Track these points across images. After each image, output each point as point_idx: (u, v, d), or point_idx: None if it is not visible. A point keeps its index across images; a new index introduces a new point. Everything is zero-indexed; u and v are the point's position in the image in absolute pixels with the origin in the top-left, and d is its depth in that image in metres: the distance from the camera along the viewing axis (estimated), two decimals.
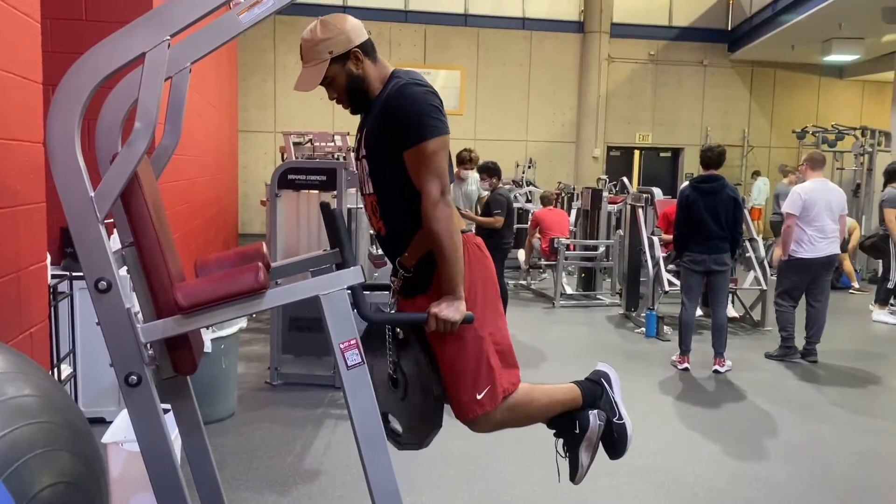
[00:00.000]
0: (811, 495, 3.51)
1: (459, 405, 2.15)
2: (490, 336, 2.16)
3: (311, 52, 2.04)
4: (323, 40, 2.02)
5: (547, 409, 2.32)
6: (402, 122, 2.02)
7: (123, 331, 1.74)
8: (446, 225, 2.00)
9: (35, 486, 1.29)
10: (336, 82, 2.09)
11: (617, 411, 2.40)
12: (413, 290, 2.18)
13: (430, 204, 2.00)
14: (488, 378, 2.13)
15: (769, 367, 5.85)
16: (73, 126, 1.69)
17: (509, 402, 2.19)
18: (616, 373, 2.49)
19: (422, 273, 2.14)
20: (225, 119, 11.06)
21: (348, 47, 2.04)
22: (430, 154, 2.01)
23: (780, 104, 16.55)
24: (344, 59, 2.05)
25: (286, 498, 3.32)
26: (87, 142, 1.82)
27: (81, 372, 3.90)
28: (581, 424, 2.33)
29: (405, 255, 2.16)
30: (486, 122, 15.28)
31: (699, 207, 5.46)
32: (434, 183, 2.01)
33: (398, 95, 2.04)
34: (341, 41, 2.03)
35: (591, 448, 2.34)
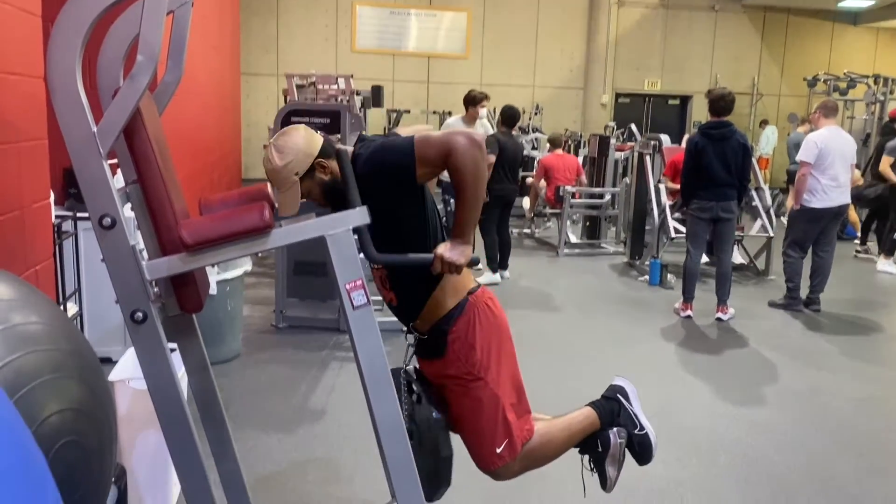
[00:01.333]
0: (809, 441, 3.55)
1: (480, 459, 2.22)
2: (505, 395, 2.19)
3: (279, 180, 2.03)
4: (284, 166, 2.01)
5: (566, 443, 2.37)
6: (389, 174, 2.02)
7: (128, 268, 1.73)
8: (473, 171, 1.95)
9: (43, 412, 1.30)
10: (313, 194, 2.09)
11: (637, 423, 2.44)
12: (429, 354, 2.21)
13: (458, 154, 1.93)
14: (505, 433, 2.18)
15: (772, 315, 5.87)
16: (73, 60, 1.65)
17: (527, 448, 2.24)
18: (633, 385, 2.52)
19: (436, 337, 2.16)
20: (227, 61, 10.90)
21: (310, 163, 2.03)
22: (425, 146, 1.97)
23: (792, 51, 16.23)
24: (311, 173, 2.05)
25: (292, 437, 3.37)
26: (89, 79, 1.78)
27: (88, 311, 3.92)
28: (602, 443, 2.39)
29: (418, 322, 2.19)
30: (493, 66, 15.02)
31: (708, 153, 5.39)
32: (453, 138, 1.95)
33: (369, 169, 2.02)
34: (301, 160, 2.02)
35: (617, 462, 2.40)
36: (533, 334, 5.06)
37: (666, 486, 3.06)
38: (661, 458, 3.27)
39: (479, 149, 1.96)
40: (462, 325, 2.13)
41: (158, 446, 2.55)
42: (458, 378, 2.15)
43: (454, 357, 2.13)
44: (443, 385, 2.21)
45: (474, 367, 2.13)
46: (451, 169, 1.96)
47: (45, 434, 1.29)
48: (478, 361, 2.13)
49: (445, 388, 2.20)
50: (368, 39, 14.37)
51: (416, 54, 14.64)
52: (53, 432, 1.32)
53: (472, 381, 2.14)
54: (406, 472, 1.95)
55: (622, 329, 5.38)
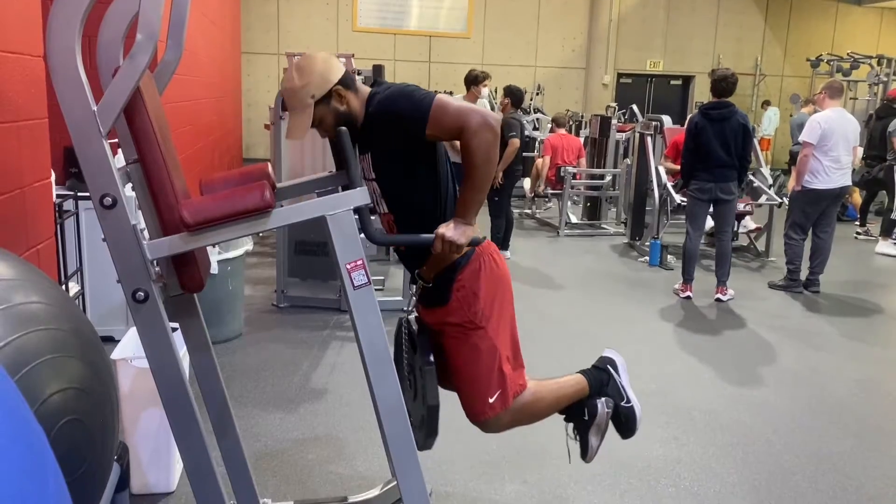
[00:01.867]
0: (806, 420, 3.58)
1: (472, 408, 2.24)
2: (503, 346, 2.22)
3: (294, 100, 2.02)
4: (302, 87, 2.00)
5: (555, 405, 2.39)
6: (400, 122, 2.00)
7: (130, 247, 1.74)
8: (484, 154, 1.95)
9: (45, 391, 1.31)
10: (325, 122, 2.07)
11: (625, 395, 2.46)
12: (432, 302, 2.21)
13: (470, 133, 1.92)
14: (499, 383, 2.21)
15: (771, 296, 5.89)
16: (73, 37, 1.64)
17: (518, 402, 2.26)
18: (622, 357, 2.54)
19: (441, 285, 2.17)
20: (227, 40, 10.84)
21: (328, 88, 2.01)
22: (444, 107, 1.96)
23: (796, 32, 16.12)
24: (327, 100, 2.03)
25: (293, 415, 3.40)
26: (89, 58, 1.78)
27: (89, 290, 3.93)
28: (589, 412, 2.41)
29: (424, 269, 2.19)
30: (495, 46, 14.93)
31: (708, 134, 5.38)
32: (469, 116, 1.94)
33: (382, 109, 2.02)
34: (320, 83, 2.00)
35: (600, 432, 2.43)
36: (533, 314, 5.08)
37: (663, 464, 3.08)
38: (658, 436, 3.31)
39: (494, 132, 1.96)
40: (468, 274, 2.14)
41: (161, 424, 2.58)
42: (459, 326, 2.17)
43: (457, 305, 2.15)
44: (441, 332, 2.22)
45: (476, 315, 2.15)
46: (463, 146, 1.96)
47: (47, 413, 1.30)
48: (480, 310, 2.15)
49: (444, 336, 2.22)
50: (369, 18, 14.28)
51: (417, 33, 14.55)
52: (55, 411, 1.33)
53: (473, 330, 2.16)
54: (406, 451, 1.97)
55: (622, 309, 5.40)
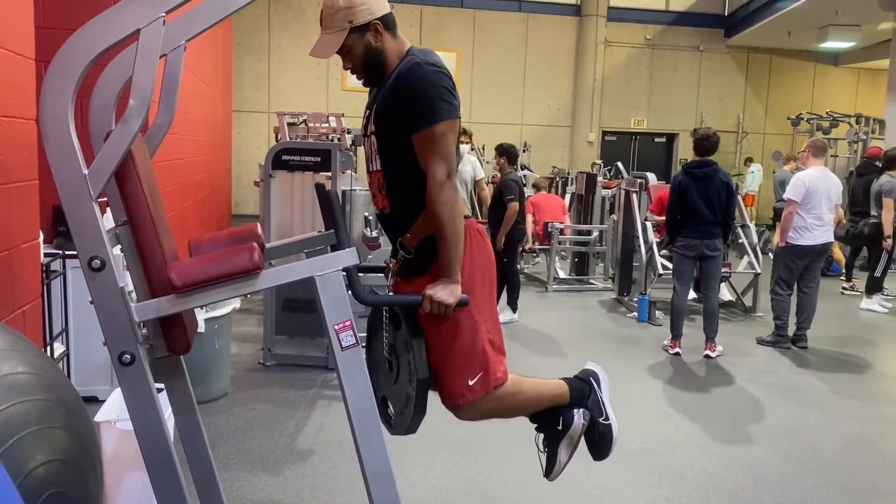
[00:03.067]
0: (799, 479, 3.55)
1: (450, 390, 2.15)
2: (485, 323, 2.16)
3: (331, 20, 2.01)
4: (345, 8, 1.99)
5: (534, 402, 2.32)
6: (412, 103, 2.00)
7: (117, 309, 1.74)
8: (450, 208, 1.98)
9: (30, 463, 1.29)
10: (353, 52, 2.06)
11: (604, 412, 2.39)
12: (412, 272, 2.17)
13: (436, 186, 1.98)
14: (481, 364, 2.14)
15: (760, 352, 5.89)
16: (66, 103, 1.67)
17: (498, 391, 2.19)
18: (605, 373, 2.48)
19: (422, 254, 2.13)
20: (219, 98, 10.98)
21: (369, 18, 2.02)
22: (438, 137, 1.99)
23: (776, 90, 16.54)
24: (363, 30, 2.03)
25: (278, 477, 3.33)
26: (81, 120, 1.80)
27: (74, 350, 3.89)
28: (564, 421, 2.33)
29: (407, 236, 2.15)
30: (482, 105, 15.21)
31: (692, 192, 5.46)
32: (441, 165, 1.99)
33: (410, 75, 2.01)
34: (362, 11, 2.00)
35: (572, 446, 2.35)
36: (521, 370, 5.03)
37: None
38: (649, 497, 3.27)
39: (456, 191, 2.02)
40: None
41: (144, 488, 2.52)
42: None
43: (438, 273, 2.07)
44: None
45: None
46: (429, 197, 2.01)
47: (32, 486, 1.28)
48: (463, 282, 2.06)
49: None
50: None
51: None
52: (40, 483, 1.31)
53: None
54: None
55: (611, 366, 5.34)
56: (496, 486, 3.32)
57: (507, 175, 6.52)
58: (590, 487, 3.33)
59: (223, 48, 11.23)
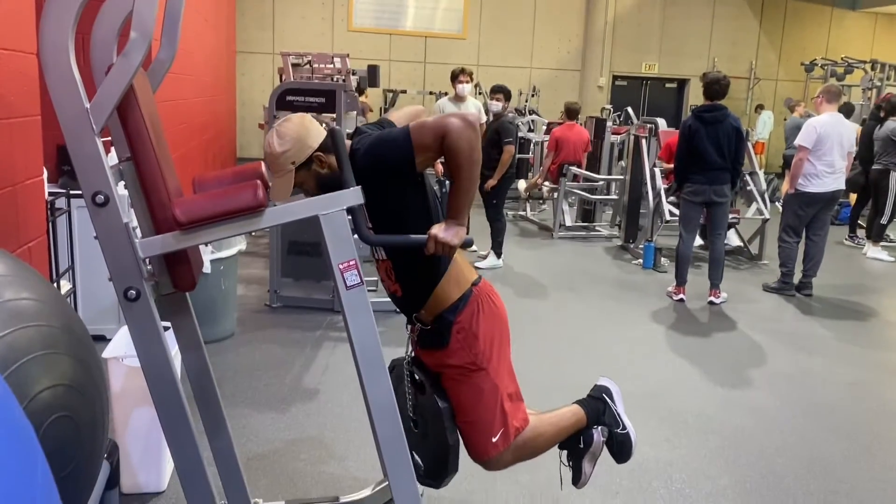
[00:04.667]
0: (799, 423, 3.59)
1: (475, 447, 2.24)
2: (503, 384, 2.21)
3: (276, 165, 2.02)
4: (282, 153, 2.00)
5: (555, 438, 2.41)
6: (388, 166, 2.00)
7: (122, 245, 1.73)
8: (469, 152, 1.94)
9: (35, 387, 1.31)
10: (307, 185, 2.08)
11: (620, 422, 2.48)
12: (431, 344, 2.21)
13: (455, 136, 1.92)
14: (502, 422, 2.21)
15: (764, 299, 5.90)
16: (66, 35, 1.63)
17: (520, 440, 2.27)
18: (617, 385, 2.56)
19: (440, 328, 2.16)
20: (222, 39, 10.82)
21: (308, 154, 2.02)
22: (420, 132, 1.96)
23: (790, 36, 16.17)
24: (308, 165, 2.03)
25: (285, 415, 3.39)
26: (83, 58, 1.77)
27: (81, 289, 3.92)
28: (585, 440, 2.43)
29: (422, 313, 2.18)
30: (490, 47, 14.94)
31: (701, 137, 5.39)
32: (447, 121, 1.94)
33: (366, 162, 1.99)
34: (300, 150, 2.01)
35: (594, 459, 2.45)
36: (527, 317, 5.08)
37: (655, 466, 3.09)
38: (650, 438, 3.31)
39: (473, 130, 1.96)
40: (466, 316, 2.14)
41: (152, 423, 2.57)
42: (460, 367, 2.16)
43: (457, 347, 2.15)
44: (441, 374, 2.22)
45: (477, 357, 2.15)
46: (447, 151, 1.96)
47: (36, 409, 1.30)
48: (481, 352, 2.15)
49: (444, 378, 2.22)
50: (365, 18, 14.27)
51: (413, 34, 14.54)
52: (44, 407, 1.32)
53: (475, 371, 2.15)
54: (398, 451, 1.97)
55: (615, 312, 5.41)
56: None
57: (505, 116, 6.43)
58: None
59: None
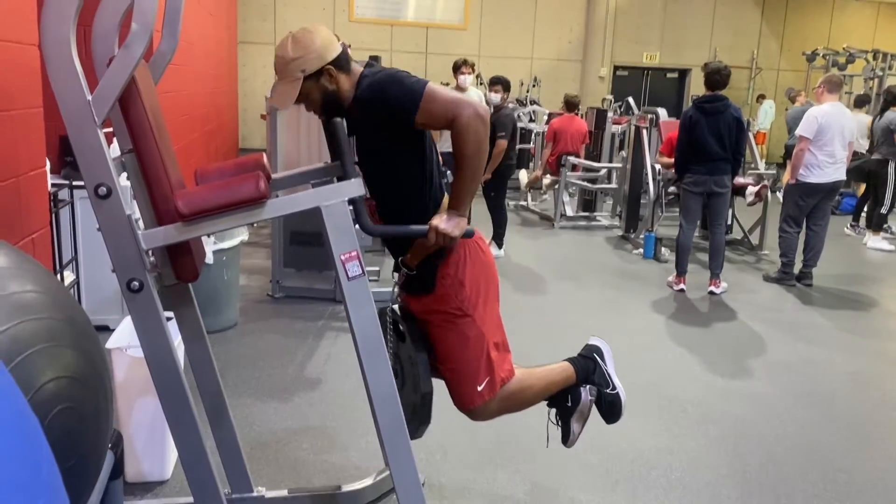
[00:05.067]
0: (798, 412, 3.60)
1: (460, 396, 2.25)
2: (490, 332, 2.22)
3: (285, 70, 2.02)
4: (294, 59, 1.99)
5: (543, 392, 2.41)
6: (388, 108, 1.99)
7: (124, 237, 1.75)
8: (476, 144, 1.95)
9: (39, 379, 1.32)
10: (311, 98, 2.06)
11: (610, 382, 2.49)
12: (417, 290, 2.21)
13: (462, 127, 1.93)
14: (487, 371, 2.22)
15: (765, 289, 5.91)
16: (67, 26, 1.64)
17: (506, 390, 2.28)
18: (608, 345, 2.57)
19: (425, 272, 2.16)
20: (224, 30, 10.80)
21: (320, 65, 2.01)
22: (434, 96, 1.96)
23: (792, 26, 16.11)
24: (317, 77, 2.02)
25: (287, 404, 3.41)
26: (85, 50, 1.78)
27: (84, 280, 3.93)
28: (573, 398, 2.44)
29: (408, 256, 2.19)
30: (491, 37, 14.89)
31: (702, 128, 5.39)
32: (461, 106, 1.94)
33: (371, 93, 2.01)
34: (312, 60, 2.00)
35: (583, 419, 2.46)
36: (527, 306, 5.10)
37: (655, 455, 3.11)
38: (650, 428, 3.33)
39: (485, 123, 1.97)
40: (453, 262, 2.15)
41: (155, 413, 2.59)
42: (446, 314, 2.17)
43: (443, 293, 2.15)
44: (428, 321, 2.22)
45: (463, 303, 2.16)
46: (454, 137, 1.97)
47: (41, 401, 1.31)
48: (467, 298, 2.16)
49: (431, 324, 2.22)
50: (366, 9, 14.22)
51: (414, 24, 14.50)
52: (49, 399, 1.34)
53: (461, 318, 2.16)
54: (399, 440, 1.99)
55: (616, 302, 5.42)
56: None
57: (502, 110, 6.43)
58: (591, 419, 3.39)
59: None
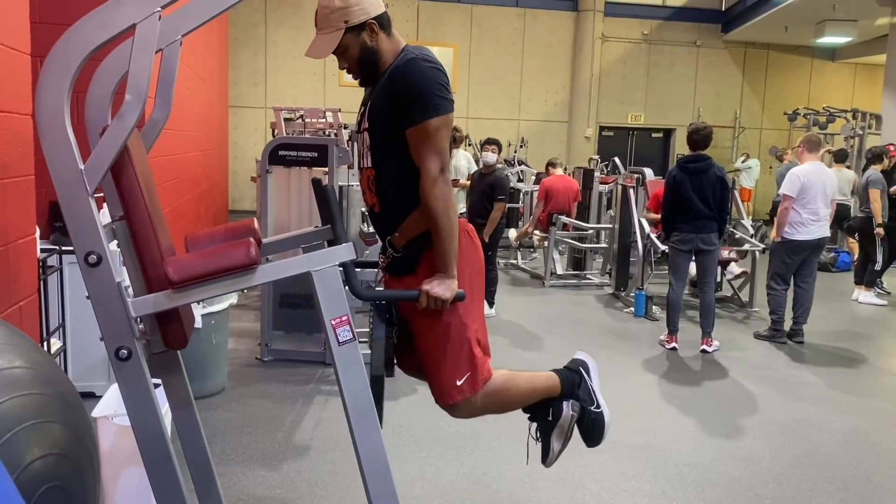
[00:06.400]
0: (795, 474, 3.56)
1: (440, 390, 2.19)
2: (473, 324, 2.18)
3: (327, 20, 2.01)
4: (340, 8, 1.99)
5: (526, 396, 2.35)
6: (407, 98, 2.01)
7: (114, 305, 1.74)
8: (444, 203, 1.99)
9: (26, 457, 1.30)
10: (348, 52, 2.07)
11: (595, 400, 2.42)
12: (401, 270, 2.19)
13: (430, 181, 1.99)
14: (469, 365, 2.16)
15: (756, 347, 5.91)
16: (62, 97, 1.67)
17: (488, 388, 2.21)
18: (595, 361, 2.51)
19: (410, 254, 2.14)
20: (215, 94, 10.96)
21: (364, 18, 2.02)
22: (432, 132, 2.00)
23: (773, 86, 16.55)
24: (359, 30, 2.03)
25: (276, 473, 3.34)
26: (77, 116, 1.80)
27: (71, 346, 3.89)
28: (554, 412, 2.37)
29: (396, 235, 2.16)
30: (479, 100, 15.20)
31: (686, 187, 5.48)
32: (435, 160, 2.00)
33: (405, 71, 2.02)
34: (357, 11, 2.01)
35: (563, 435, 2.38)
36: (518, 365, 5.04)
37: None
38: (646, 491, 3.28)
39: (449, 186, 2.03)
40: None
41: (142, 483, 2.52)
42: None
43: (427, 275, 2.09)
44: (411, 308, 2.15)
45: None
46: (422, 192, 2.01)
47: (29, 479, 1.29)
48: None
49: (412, 310, 2.14)
50: None
51: None
52: (36, 477, 1.31)
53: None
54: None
55: (608, 361, 5.39)
56: (493, 482, 3.32)
57: (499, 170, 6.51)
58: (587, 482, 3.34)
59: (219, 43, 11.20)
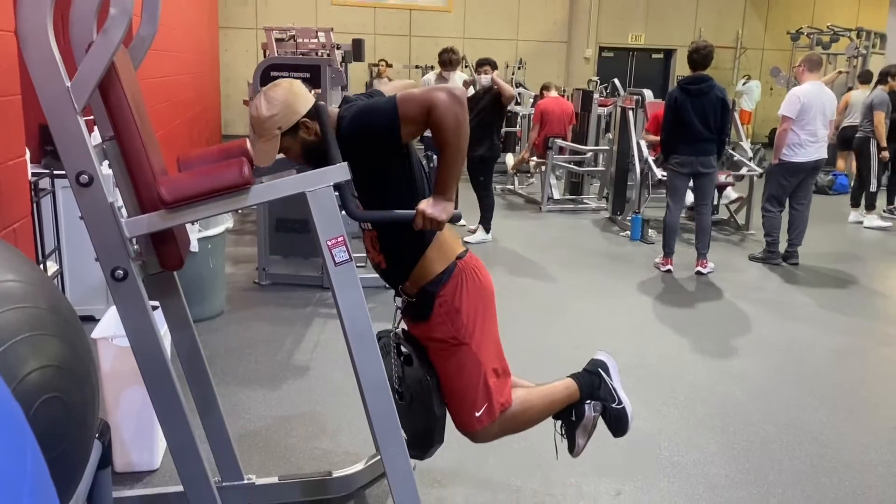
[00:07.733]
0: (784, 390, 3.64)
1: (460, 420, 2.25)
2: (487, 360, 2.21)
3: (262, 129, 1.99)
4: (269, 118, 1.96)
5: (545, 412, 2.41)
6: (373, 135, 1.98)
7: (107, 225, 1.72)
8: (455, 121, 1.93)
9: (23, 369, 1.30)
10: (292, 151, 2.05)
11: (616, 397, 2.48)
12: (416, 316, 2.21)
13: (441, 104, 1.90)
14: (485, 397, 2.21)
15: (751, 269, 5.95)
16: (44, 13, 1.61)
17: (507, 414, 2.27)
18: (614, 359, 2.56)
19: (423, 301, 2.16)
20: (204, 14, 10.67)
21: (295, 120, 1.98)
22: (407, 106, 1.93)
23: (776, 5, 16.12)
24: (294, 131, 2.00)
25: (276, 392, 3.40)
26: (62, 35, 1.74)
27: (68, 270, 3.90)
28: (577, 413, 2.44)
29: (406, 285, 2.18)
30: (476, 20, 14.81)
31: (687, 109, 5.39)
32: (434, 95, 1.93)
33: (352, 129, 1.99)
34: (287, 116, 1.97)
35: (587, 433, 2.46)
36: (515, 290, 5.10)
37: (644, 435, 3.13)
38: (639, 409, 3.34)
39: (461, 104, 1.94)
40: (449, 290, 2.13)
41: (143, 403, 2.57)
42: (442, 341, 2.17)
43: (440, 321, 2.15)
44: (427, 347, 2.23)
45: (459, 331, 2.15)
46: (433, 125, 1.94)
47: (26, 391, 1.30)
48: (463, 326, 2.15)
49: (430, 350, 2.23)
50: None
51: (397, 7, 14.38)
52: (34, 389, 1.32)
53: (456, 346, 2.16)
54: (389, 425, 1.99)
55: (604, 283, 5.44)
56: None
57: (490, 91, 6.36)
58: None
59: None
